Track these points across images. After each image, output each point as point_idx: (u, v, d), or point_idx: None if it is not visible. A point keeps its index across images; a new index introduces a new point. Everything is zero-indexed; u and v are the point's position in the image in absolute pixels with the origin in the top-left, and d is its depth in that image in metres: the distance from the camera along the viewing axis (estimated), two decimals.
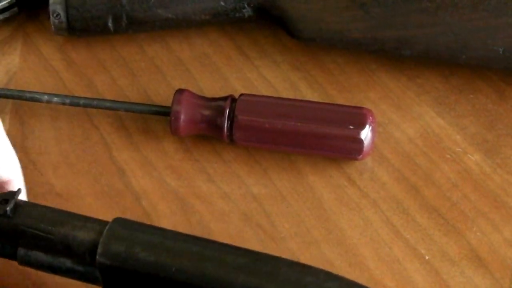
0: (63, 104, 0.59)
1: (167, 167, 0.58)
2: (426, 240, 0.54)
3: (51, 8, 0.61)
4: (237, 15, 0.61)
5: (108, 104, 0.59)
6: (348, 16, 0.58)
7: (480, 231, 0.54)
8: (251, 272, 0.42)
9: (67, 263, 0.46)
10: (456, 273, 0.53)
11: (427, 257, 0.54)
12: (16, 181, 0.52)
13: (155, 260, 0.43)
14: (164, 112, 0.58)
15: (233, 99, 0.57)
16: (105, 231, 0.44)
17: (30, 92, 0.60)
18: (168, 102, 0.58)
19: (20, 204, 0.47)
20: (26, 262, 0.47)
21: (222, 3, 0.61)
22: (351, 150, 0.55)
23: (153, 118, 0.60)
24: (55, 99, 0.59)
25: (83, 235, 0.45)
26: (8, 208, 0.46)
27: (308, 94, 0.61)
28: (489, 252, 0.54)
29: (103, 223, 0.46)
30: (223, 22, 0.62)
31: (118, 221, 0.45)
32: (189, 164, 0.58)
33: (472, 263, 0.53)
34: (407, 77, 0.61)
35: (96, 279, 0.46)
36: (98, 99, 0.59)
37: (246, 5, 0.61)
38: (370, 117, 0.55)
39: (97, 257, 0.44)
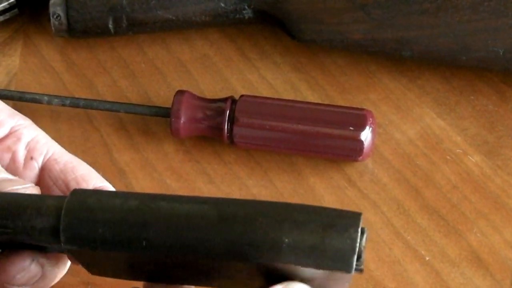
0: (63, 105, 0.59)
1: (167, 168, 0.58)
2: (427, 241, 0.54)
3: (51, 9, 0.61)
4: (237, 16, 0.61)
5: (108, 106, 0.59)
6: (349, 17, 0.58)
7: (480, 232, 0.54)
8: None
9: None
10: (457, 274, 0.53)
11: (427, 258, 0.54)
12: None
13: (123, 238, 0.40)
14: (164, 114, 0.58)
15: (233, 100, 0.57)
16: (62, 215, 0.41)
17: (30, 93, 0.60)
18: (168, 104, 0.58)
19: None
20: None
21: (222, 5, 0.61)
22: (352, 151, 0.55)
23: (153, 120, 0.60)
24: (56, 100, 0.59)
25: (42, 223, 0.42)
26: None
27: (309, 95, 0.61)
28: (489, 253, 0.54)
29: (59, 202, 0.42)
30: (223, 24, 0.62)
31: (75, 198, 0.42)
32: (190, 166, 0.58)
33: (473, 264, 0.53)
34: (408, 78, 0.61)
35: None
36: (99, 101, 0.59)
37: (246, 7, 0.61)
38: (370, 119, 0.55)
39: (62, 244, 0.41)
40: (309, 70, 0.62)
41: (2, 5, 0.63)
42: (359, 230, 0.38)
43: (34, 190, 0.46)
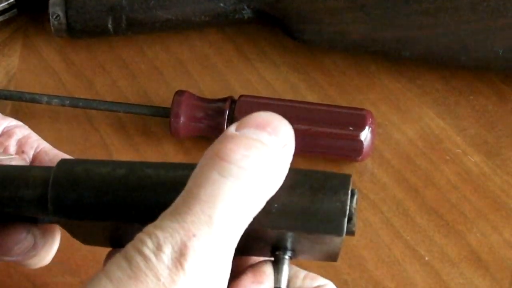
0: (63, 105, 0.59)
1: None
2: (426, 241, 0.54)
3: (51, 9, 0.61)
4: (236, 16, 0.61)
5: (107, 106, 0.59)
6: (348, 17, 0.58)
7: (480, 232, 0.54)
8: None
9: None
10: (456, 274, 0.53)
11: (427, 258, 0.54)
12: None
13: (112, 207, 0.39)
14: (164, 114, 0.58)
15: (232, 101, 0.57)
16: (50, 186, 0.40)
17: (29, 93, 0.60)
18: (168, 104, 0.58)
19: None
20: None
21: (222, 5, 0.61)
22: (351, 151, 0.55)
23: (153, 120, 0.60)
24: (55, 100, 0.59)
25: (29, 195, 0.41)
26: None
27: (308, 95, 0.61)
28: (489, 253, 0.54)
29: (46, 173, 0.41)
30: (223, 24, 0.62)
31: (62, 168, 0.41)
32: None
33: (472, 264, 0.53)
34: (407, 78, 0.61)
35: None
36: (98, 101, 0.59)
37: (245, 7, 0.61)
38: (370, 119, 0.55)
39: (50, 215, 0.41)
40: (309, 70, 0.62)
41: (1, 5, 0.63)
42: (349, 192, 0.38)
43: (19, 161, 0.46)
